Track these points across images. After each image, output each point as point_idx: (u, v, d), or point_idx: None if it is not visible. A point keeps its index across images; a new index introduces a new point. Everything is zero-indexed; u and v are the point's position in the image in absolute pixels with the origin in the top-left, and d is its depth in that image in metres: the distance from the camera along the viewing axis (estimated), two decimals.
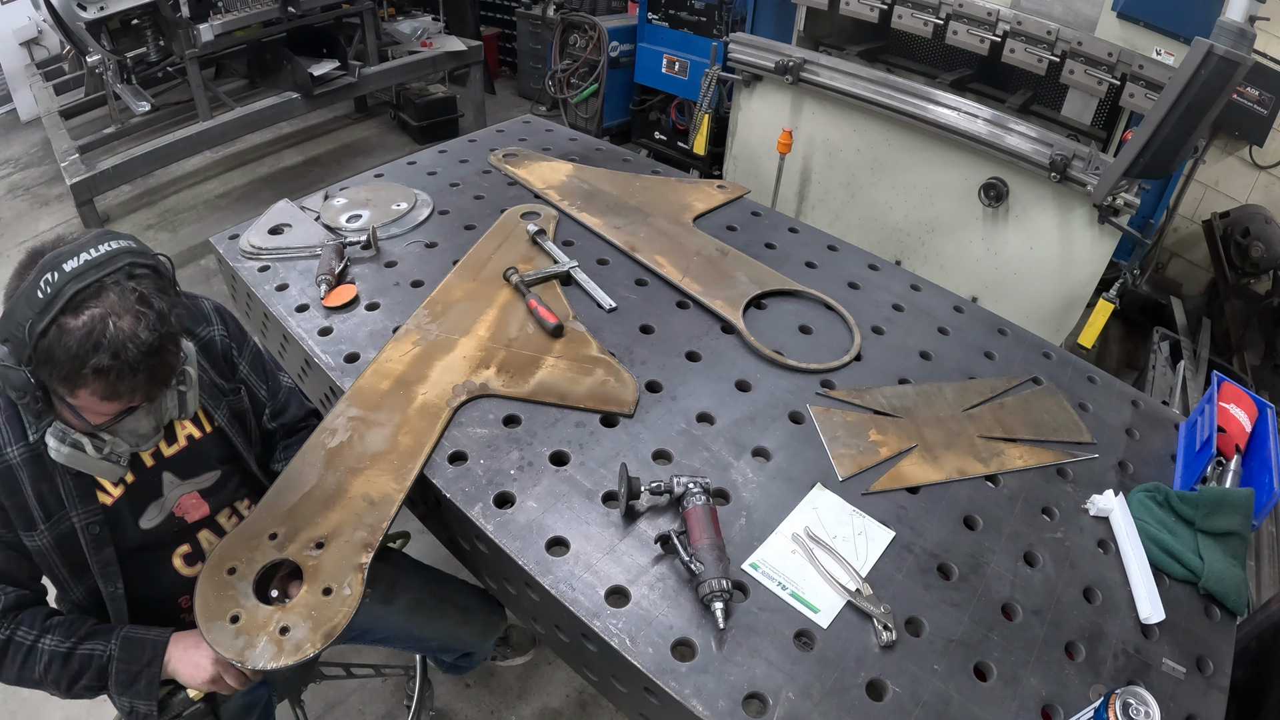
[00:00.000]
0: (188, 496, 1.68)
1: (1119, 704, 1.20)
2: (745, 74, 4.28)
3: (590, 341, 2.07)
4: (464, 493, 1.66)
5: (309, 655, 1.39)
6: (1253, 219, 4.30)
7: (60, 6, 4.38)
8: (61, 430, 1.38)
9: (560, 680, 2.77)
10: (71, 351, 1.23)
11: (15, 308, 1.26)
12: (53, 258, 1.27)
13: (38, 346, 1.24)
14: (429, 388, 1.90)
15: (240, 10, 4.70)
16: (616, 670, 1.47)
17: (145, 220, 5.47)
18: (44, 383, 1.30)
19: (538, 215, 2.62)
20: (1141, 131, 2.79)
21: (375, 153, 6.45)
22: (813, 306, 2.33)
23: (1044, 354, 2.31)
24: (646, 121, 6.27)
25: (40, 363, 1.26)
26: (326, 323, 2.12)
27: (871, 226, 4.14)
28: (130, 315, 1.27)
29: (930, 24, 3.74)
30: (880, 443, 1.88)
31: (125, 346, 1.26)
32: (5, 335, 1.27)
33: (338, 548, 1.55)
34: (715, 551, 1.48)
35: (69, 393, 1.30)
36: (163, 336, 1.32)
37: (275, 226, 2.47)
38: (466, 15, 7.39)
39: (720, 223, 2.71)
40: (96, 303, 1.26)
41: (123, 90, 4.92)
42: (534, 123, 3.47)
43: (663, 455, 1.79)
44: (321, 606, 1.45)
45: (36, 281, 1.25)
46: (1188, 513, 1.75)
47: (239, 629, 1.42)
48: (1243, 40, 2.50)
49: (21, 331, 1.24)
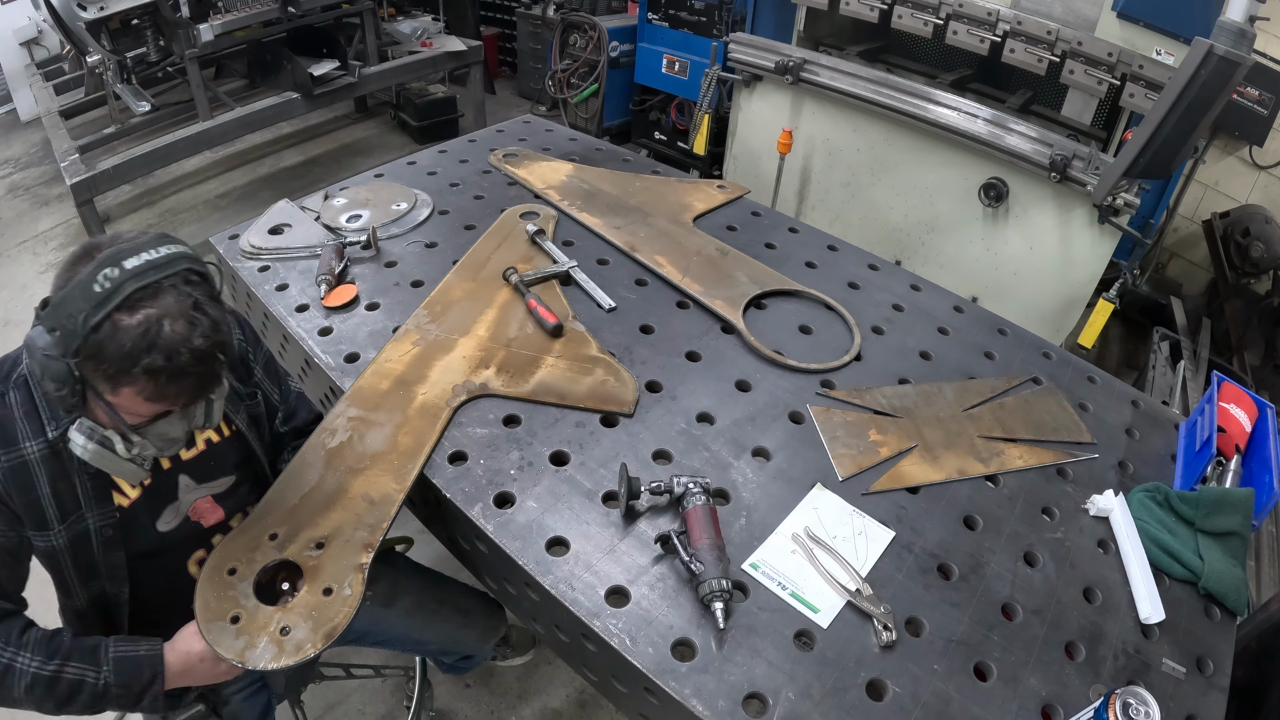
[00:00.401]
0: (203, 501, 1.66)
1: (1119, 704, 1.20)
2: (745, 74, 4.28)
3: (590, 341, 2.07)
4: (464, 493, 1.66)
5: (310, 656, 1.39)
6: (1253, 219, 4.30)
7: (60, 6, 4.38)
8: (90, 427, 1.35)
9: (560, 680, 2.77)
10: (125, 349, 1.22)
11: (69, 298, 1.23)
12: (113, 254, 1.25)
13: (88, 340, 1.23)
14: (429, 388, 1.90)
15: (240, 10, 4.69)
16: (616, 670, 1.47)
17: (145, 220, 5.46)
18: (84, 377, 1.28)
19: (537, 215, 2.62)
20: (1141, 131, 2.79)
21: (375, 153, 6.44)
22: (813, 306, 2.33)
23: (1044, 354, 2.31)
24: (646, 121, 6.27)
25: (87, 356, 1.24)
26: (326, 323, 2.12)
27: (871, 226, 4.14)
28: (184, 320, 1.27)
29: (930, 24, 3.74)
30: (880, 443, 1.88)
31: (178, 350, 1.25)
32: (54, 325, 1.25)
33: (338, 548, 1.55)
34: (715, 551, 1.48)
35: (111, 390, 1.29)
36: (214, 344, 1.32)
37: (275, 226, 2.47)
38: (466, 15, 7.39)
39: (720, 223, 2.72)
40: (153, 303, 1.25)
41: (123, 90, 4.91)
42: (534, 123, 3.47)
43: (663, 455, 1.79)
44: (322, 607, 1.45)
45: (95, 275, 1.23)
46: (1188, 513, 1.75)
47: (239, 629, 1.41)
48: (1243, 40, 2.50)
49: (74, 323, 1.22)
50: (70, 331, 1.23)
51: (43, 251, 5.13)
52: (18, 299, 4.68)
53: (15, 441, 1.39)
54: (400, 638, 2.12)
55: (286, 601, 1.48)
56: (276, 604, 1.47)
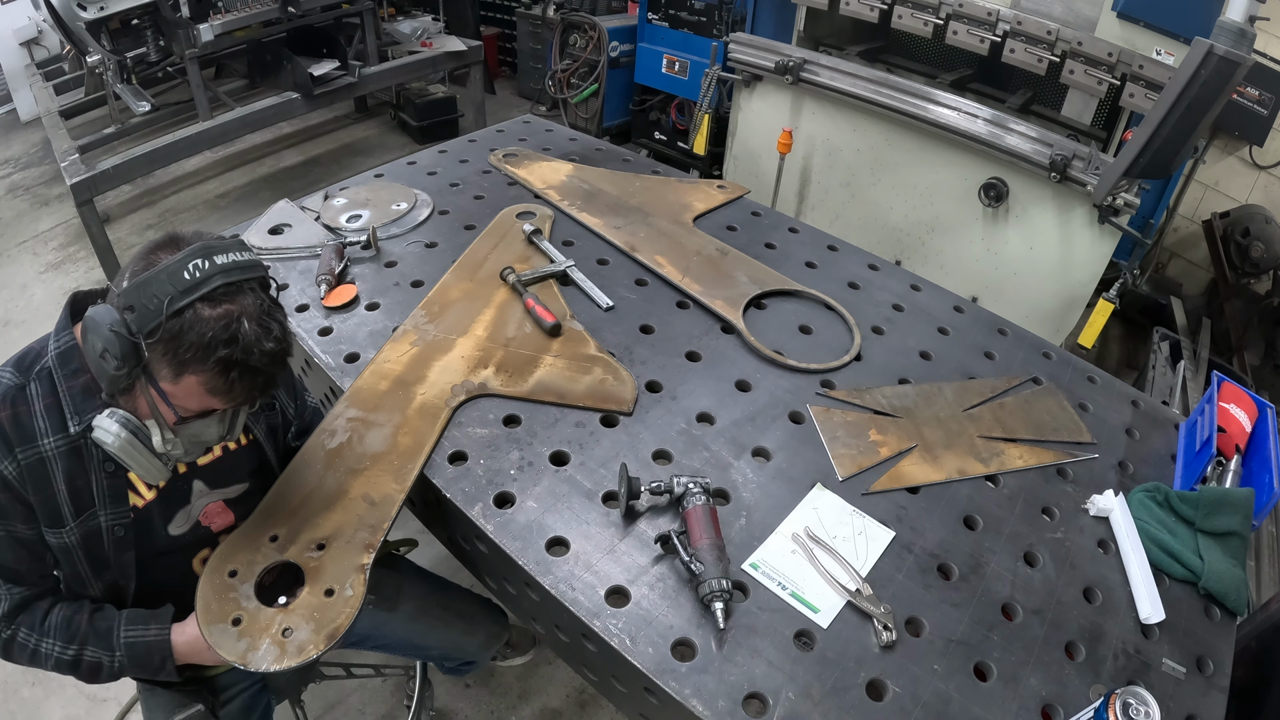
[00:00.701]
0: (214, 505, 1.67)
1: (1119, 704, 1.20)
2: (745, 74, 4.27)
3: (588, 341, 2.07)
4: (464, 493, 1.66)
5: (311, 658, 1.39)
6: (1253, 219, 4.30)
7: (60, 6, 4.38)
8: (124, 416, 1.35)
9: (560, 680, 2.77)
10: (206, 338, 1.25)
11: (154, 279, 1.25)
12: (203, 247, 1.29)
13: (168, 323, 1.25)
14: (427, 388, 1.90)
15: (240, 10, 4.69)
16: (616, 670, 1.47)
17: (145, 220, 5.46)
18: (149, 361, 1.30)
19: (533, 215, 2.62)
20: (1141, 131, 2.79)
21: (375, 153, 6.44)
22: (813, 306, 2.33)
23: (1044, 354, 2.31)
24: (646, 121, 6.27)
25: (164, 339, 1.26)
26: (326, 323, 2.12)
27: (871, 226, 4.13)
28: (258, 323, 1.30)
29: (930, 24, 3.74)
30: (880, 443, 1.88)
31: (252, 349, 1.29)
32: (134, 303, 1.26)
33: (339, 549, 1.55)
34: (715, 551, 1.48)
35: (174, 377, 1.30)
36: (283, 349, 1.36)
37: (275, 227, 2.47)
38: (466, 15, 7.39)
39: (720, 223, 2.72)
40: (234, 301, 1.29)
41: (123, 90, 4.91)
42: (534, 123, 3.47)
43: (663, 455, 1.79)
44: (323, 608, 1.45)
45: (185, 263, 1.26)
46: (1188, 513, 1.75)
47: (241, 631, 1.41)
48: (1243, 40, 2.50)
49: (157, 304, 1.24)
50: (150, 311, 1.25)
51: (43, 251, 5.12)
52: (18, 299, 4.68)
53: (33, 438, 1.39)
54: (402, 642, 2.11)
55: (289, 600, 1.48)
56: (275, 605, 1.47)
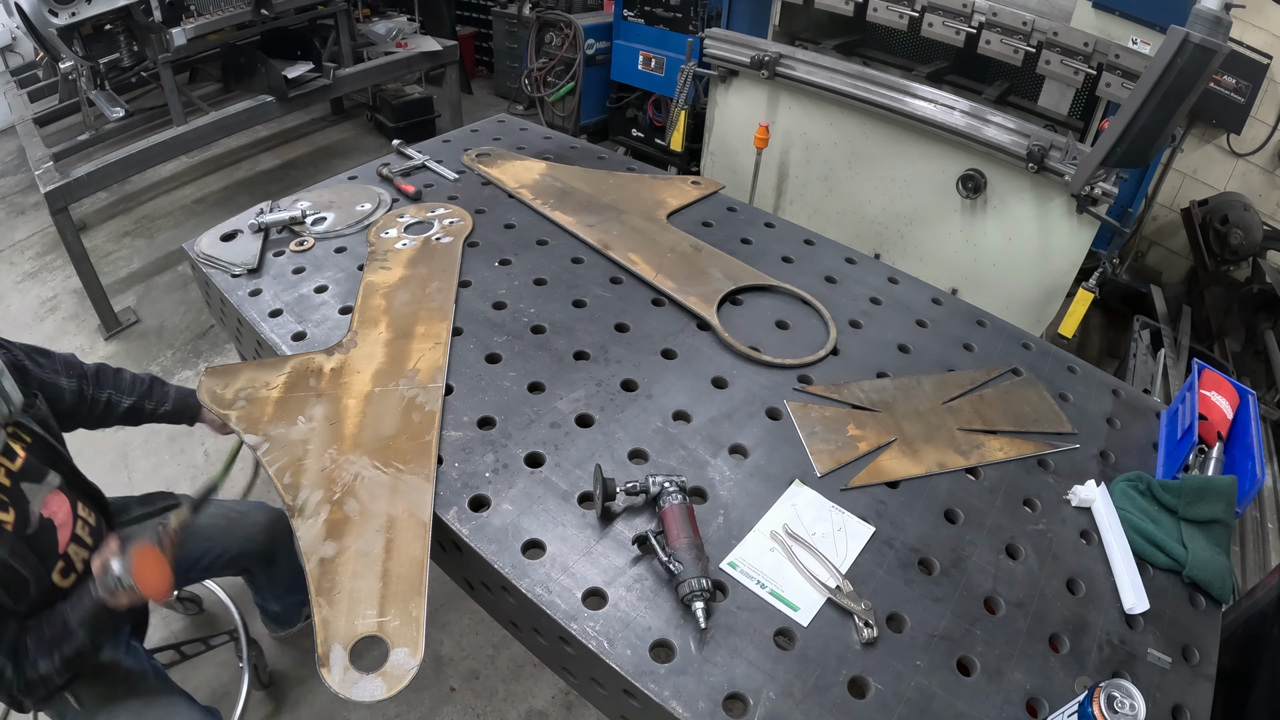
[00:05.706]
0: (50, 496, 1.75)
1: (1103, 697, 1.18)
2: (721, 69, 4.26)
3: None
4: (438, 496, 1.63)
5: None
6: (1231, 206, 4.31)
7: (32, 12, 4.31)
8: None
9: (546, 681, 2.74)
10: None
11: None
12: None
13: None
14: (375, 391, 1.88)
15: (213, 13, 4.65)
16: (596, 673, 1.44)
17: (122, 227, 5.41)
18: None
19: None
20: (1118, 120, 2.79)
21: (352, 155, 6.41)
22: (789, 302, 2.31)
23: (1023, 345, 2.29)
24: (624, 119, 6.25)
25: None
26: (300, 328, 2.09)
27: (850, 220, 4.13)
28: None
29: (906, 17, 3.74)
30: (859, 437, 1.86)
31: None
32: None
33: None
34: (694, 551, 1.46)
35: None
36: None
37: (228, 234, 2.45)
38: (442, 15, 7.36)
39: (695, 219, 2.69)
40: None
41: (96, 96, 4.86)
42: (509, 122, 3.44)
43: (639, 455, 1.77)
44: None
45: None
46: (1170, 501, 1.74)
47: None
48: (1218, 28, 2.50)
49: None
50: None
51: (19, 261, 5.07)
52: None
53: None
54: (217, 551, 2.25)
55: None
56: None
